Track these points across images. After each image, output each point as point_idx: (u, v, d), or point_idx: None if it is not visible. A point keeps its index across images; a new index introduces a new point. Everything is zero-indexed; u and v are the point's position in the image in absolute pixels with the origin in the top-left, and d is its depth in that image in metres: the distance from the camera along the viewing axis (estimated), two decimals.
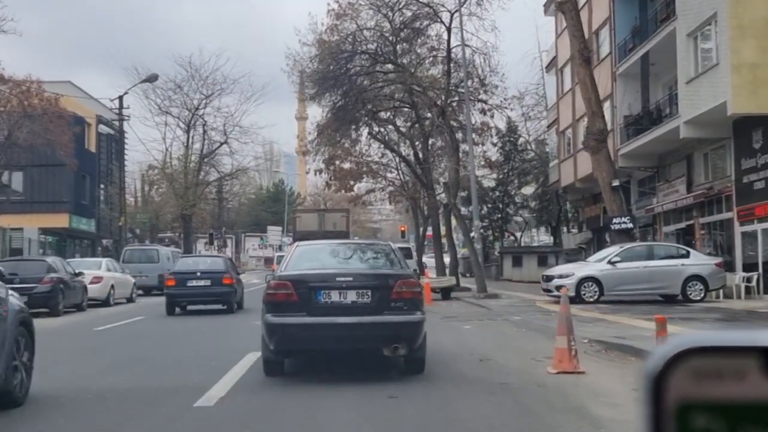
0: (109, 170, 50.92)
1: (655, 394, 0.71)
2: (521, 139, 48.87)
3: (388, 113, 39.94)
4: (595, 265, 25.01)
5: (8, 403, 8.54)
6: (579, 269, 25.11)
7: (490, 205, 50.76)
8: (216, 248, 72.02)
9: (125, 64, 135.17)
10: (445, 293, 29.80)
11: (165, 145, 52.13)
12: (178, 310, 24.03)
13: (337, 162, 44.31)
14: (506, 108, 37.56)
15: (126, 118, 42.08)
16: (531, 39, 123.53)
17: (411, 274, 10.94)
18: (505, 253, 47.45)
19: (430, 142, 39.09)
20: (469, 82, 36.65)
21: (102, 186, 51.00)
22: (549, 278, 25.35)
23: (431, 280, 28.72)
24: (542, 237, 73.63)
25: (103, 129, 44.28)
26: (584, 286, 24.48)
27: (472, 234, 30.38)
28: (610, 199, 28.03)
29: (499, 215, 51.00)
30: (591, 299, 24.11)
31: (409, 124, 41.27)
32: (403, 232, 59.98)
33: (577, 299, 24.18)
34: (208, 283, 23.86)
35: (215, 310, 23.98)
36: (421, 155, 38.92)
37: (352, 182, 45.68)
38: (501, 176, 49.37)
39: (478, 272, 29.41)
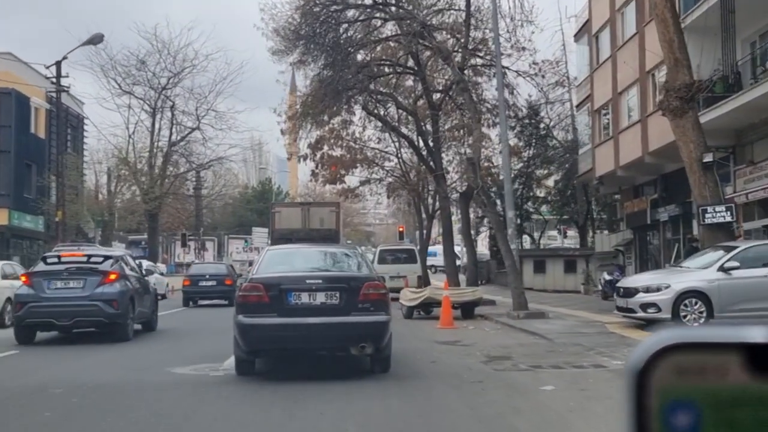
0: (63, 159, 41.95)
1: (639, 389, 0.70)
2: (543, 123, 40.05)
3: (388, 84, 31.26)
4: (698, 273, 16.41)
5: (149, 330, 17.86)
6: (673, 279, 16.51)
7: None
8: (196, 252, 63.25)
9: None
10: (467, 310, 21.17)
11: (128, 132, 43.35)
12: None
13: (326, 147, 35.68)
14: (536, 75, 28.84)
15: (66, 88, 33.35)
16: (551, 9, 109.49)
17: (377, 276, 11.01)
18: (525, 256, 38.54)
19: (440, 121, 30.48)
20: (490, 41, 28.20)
21: (54, 178, 42.00)
22: (630, 292, 16.72)
23: (451, 292, 20.03)
24: (549, 240, 64.96)
25: (38, 102, 35.51)
26: (685, 305, 15.91)
27: (507, 230, 21.68)
28: (699, 182, 19.52)
29: (518, 212, 42.38)
30: (695, 323, 15.55)
31: (411, 99, 32.68)
32: (401, 233, 51.19)
33: (672, 322, 15.72)
34: (214, 283, 29.18)
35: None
36: (429, 139, 30.31)
37: (343, 172, 37.00)
38: (520, 166, 40.63)
39: (515, 281, 20.74)
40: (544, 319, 19.13)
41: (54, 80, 32.69)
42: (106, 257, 16.75)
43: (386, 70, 29.77)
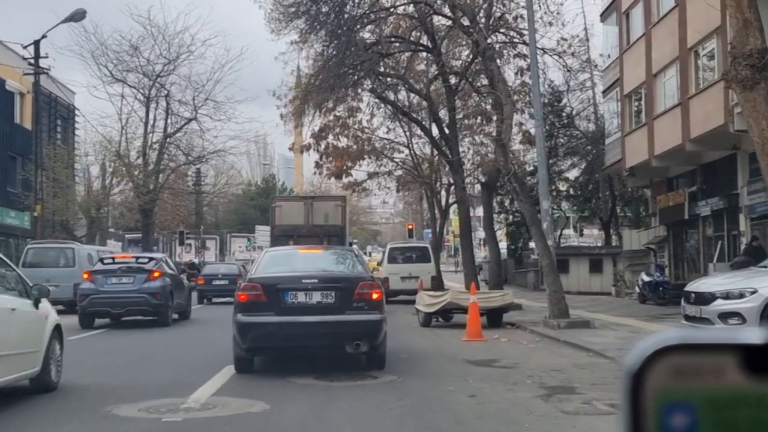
0: (54, 152, 38.50)
1: (634, 390, 0.69)
2: (565, 111, 36.62)
3: (398, 65, 27.97)
4: None
5: (185, 318, 20.87)
6: (760, 282, 13.17)
7: None
8: (196, 250, 60.07)
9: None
10: (495, 317, 17.83)
11: (121, 123, 39.94)
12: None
13: (330, 137, 32.38)
14: (564, 53, 25.48)
15: (46, 70, 30.06)
16: None
17: (371, 276, 11.15)
18: None
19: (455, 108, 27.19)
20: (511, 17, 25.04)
21: (43, 172, 38.63)
22: (704, 299, 13.39)
23: (479, 297, 16.67)
24: (562, 239, 61.53)
25: (15, 86, 32.26)
26: None
27: (543, 224, 18.28)
28: None
29: (539, 208, 39.03)
30: None
31: (424, 83, 29.35)
32: (410, 231, 47.82)
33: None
34: (226, 282, 29.03)
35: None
36: (444, 125, 27.04)
37: (349, 164, 33.69)
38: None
39: (554, 284, 17.32)
40: (590, 330, 15.80)
41: (33, 62, 29.38)
42: (151, 259, 20.55)
43: (397, 48, 26.44)
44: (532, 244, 43.95)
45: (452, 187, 34.31)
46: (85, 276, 19.56)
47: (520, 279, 37.89)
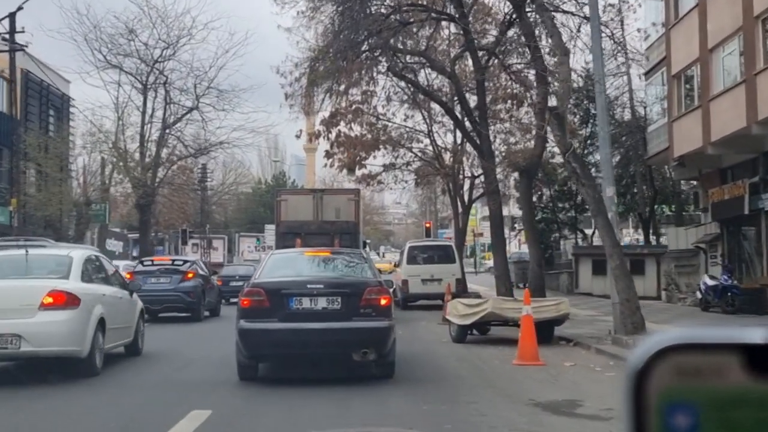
0: (38, 142, 34.93)
1: (637, 390, 0.69)
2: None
3: (419, 42, 24.36)
4: None
5: (215, 315, 22.37)
6: None
7: (555, 189, 35.09)
8: (202, 250, 56.56)
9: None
10: (545, 331, 14.05)
11: (117, 113, 36.47)
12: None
13: (342, 124, 28.75)
14: (611, 21, 21.79)
15: (23, 46, 26.53)
16: None
17: (379, 281, 10.46)
18: (582, 255, 31.61)
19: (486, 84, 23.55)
20: None
21: (26, 163, 35.10)
22: None
23: (534, 306, 12.88)
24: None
25: None
26: None
27: (609, 214, 14.44)
28: None
29: (572, 203, 35.34)
30: None
31: (447, 63, 25.69)
32: (427, 229, 44.12)
33: None
34: (243, 283, 29.35)
35: None
36: (472, 106, 23.40)
37: (363, 155, 30.03)
38: (576, 146, 33.62)
39: (626, 289, 13.50)
40: None
41: (15, 43, 25.84)
42: (185, 261, 22.93)
43: (418, 17, 22.78)
44: (563, 244, 40.56)
45: (477, 179, 30.68)
46: (128, 276, 20.79)
47: (551, 282, 34.20)
